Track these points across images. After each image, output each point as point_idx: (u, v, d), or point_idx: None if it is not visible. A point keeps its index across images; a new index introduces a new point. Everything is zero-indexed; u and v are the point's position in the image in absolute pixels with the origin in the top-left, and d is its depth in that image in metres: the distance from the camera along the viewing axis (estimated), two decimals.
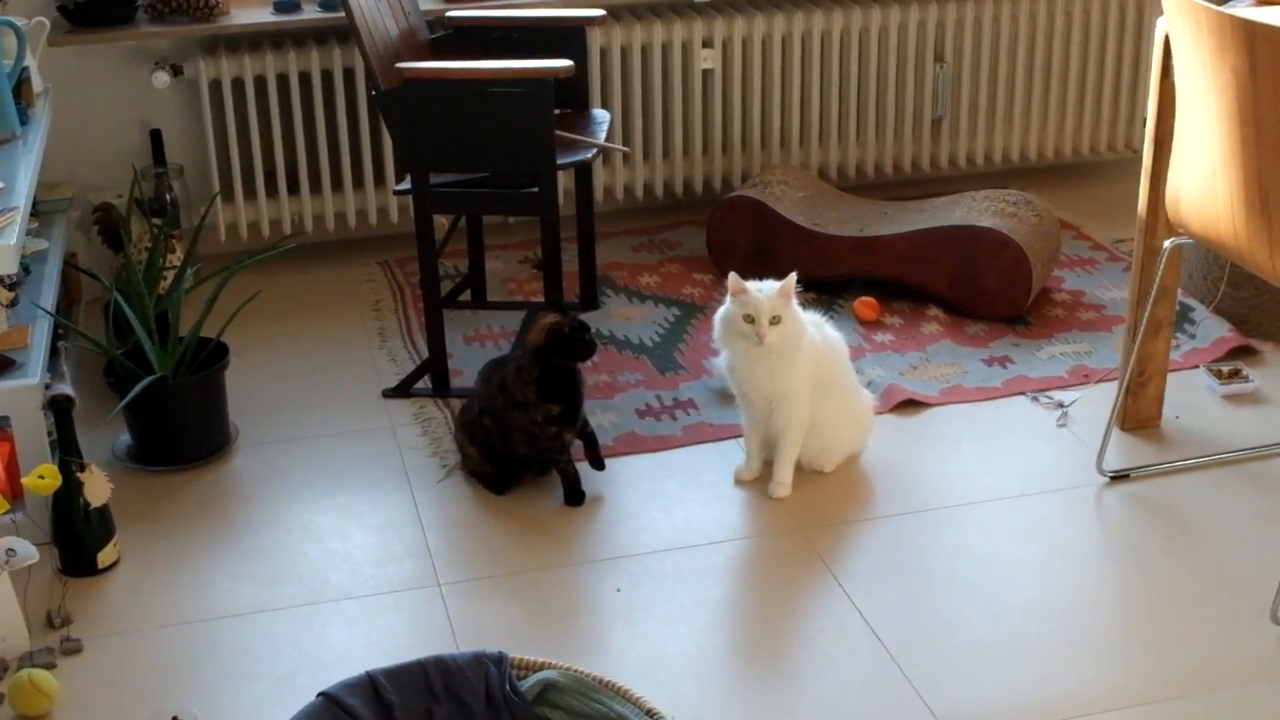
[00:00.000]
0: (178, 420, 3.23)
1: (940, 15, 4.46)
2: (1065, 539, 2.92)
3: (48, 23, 3.72)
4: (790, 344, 2.97)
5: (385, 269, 4.23)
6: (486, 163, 3.35)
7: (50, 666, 2.59)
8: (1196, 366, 3.52)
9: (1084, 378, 3.51)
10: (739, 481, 3.14)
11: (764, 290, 2.95)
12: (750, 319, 2.93)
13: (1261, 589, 2.71)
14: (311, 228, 4.23)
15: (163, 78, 4.00)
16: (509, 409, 3.04)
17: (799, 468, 3.11)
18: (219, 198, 4.08)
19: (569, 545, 2.94)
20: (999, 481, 3.11)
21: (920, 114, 4.57)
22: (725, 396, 3.37)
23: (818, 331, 3.07)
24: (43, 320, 3.16)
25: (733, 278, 2.97)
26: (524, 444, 3.06)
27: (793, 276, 2.97)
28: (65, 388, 2.92)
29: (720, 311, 3.04)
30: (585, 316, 3.47)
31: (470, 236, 3.94)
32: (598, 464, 3.13)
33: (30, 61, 3.53)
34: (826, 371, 3.07)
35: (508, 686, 2.20)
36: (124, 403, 3.08)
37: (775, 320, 2.92)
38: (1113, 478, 3.10)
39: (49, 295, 3.29)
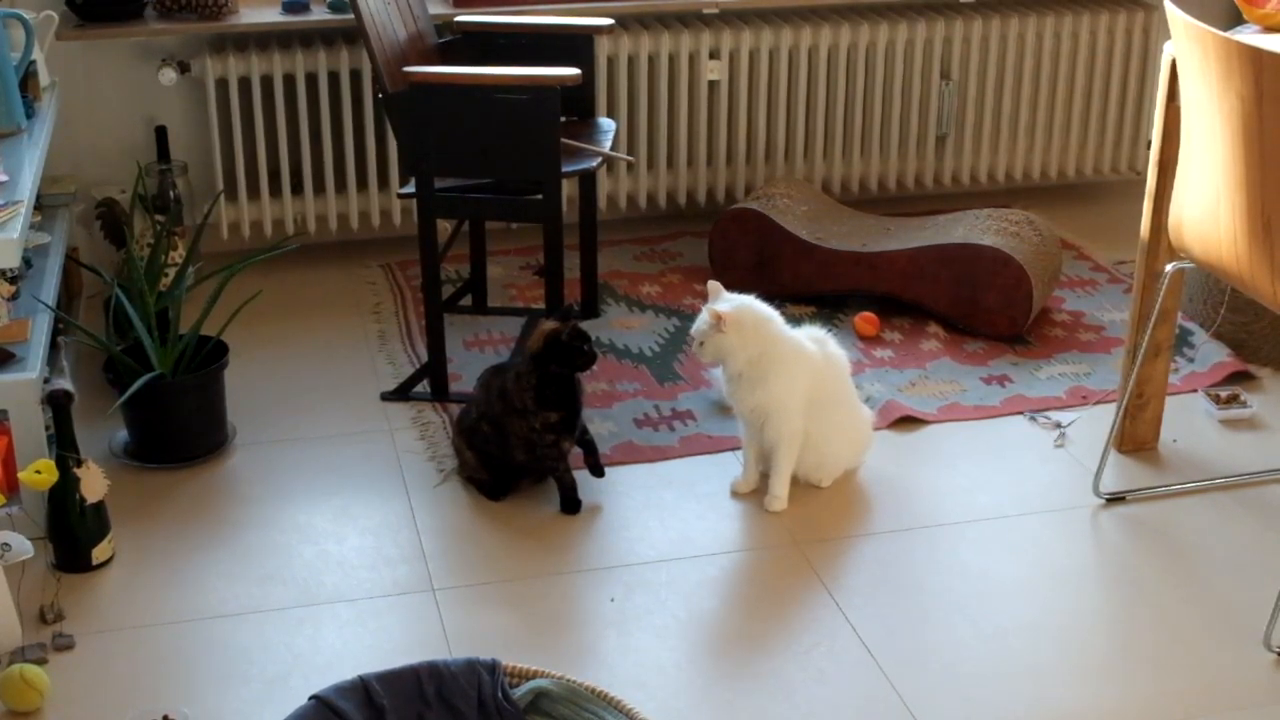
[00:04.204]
0: (176, 418, 3.23)
1: (947, 33, 4.46)
2: (1060, 560, 2.92)
3: (56, 17, 3.72)
4: (729, 357, 3.00)
5: (386, 271, 4.23)
6: (491, 168, 3.35)
7: (42, 662, 2.58)
8: (1195, 390, 3.53)
9: (1082, 399, 3.51)
10: (736, 494, 3.14)
11: (703, 314, 3.00)
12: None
13: (1255, 614, 2.71)
14: (314, 228, 4.24)
15: (169, 75, 4.00)
16: (507, 415, 3.04)
17: (796, 482, 3.11)
18: (222, 196, 4.08)
19: (564, 553, 2.94)
20: (995, 500, 3.11)
21: (925, 131, 4.57)
22: (723, 408, 3.37)
23: (819, 348, 3.08)
24: (43, 314, 3.15)
25: (711, 285, 3.04)
26: (522, 451, 3.06)
27: (735, 313, 2.98)
28: (64, 383, 2.92)
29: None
30: (585, 325, 3.47)
31: (472, 241, 3.94)
32: (597, 471, 3.13)
33: (37, 55, 3.53)
34: (827, 388, 3.07)
35: (500, 694, 2.21)
36: (123, 399, 3.08)
37: (700, 344, 3.00)
38: (1109, 500, 3.10)
39: (50, 289, 3.29)
